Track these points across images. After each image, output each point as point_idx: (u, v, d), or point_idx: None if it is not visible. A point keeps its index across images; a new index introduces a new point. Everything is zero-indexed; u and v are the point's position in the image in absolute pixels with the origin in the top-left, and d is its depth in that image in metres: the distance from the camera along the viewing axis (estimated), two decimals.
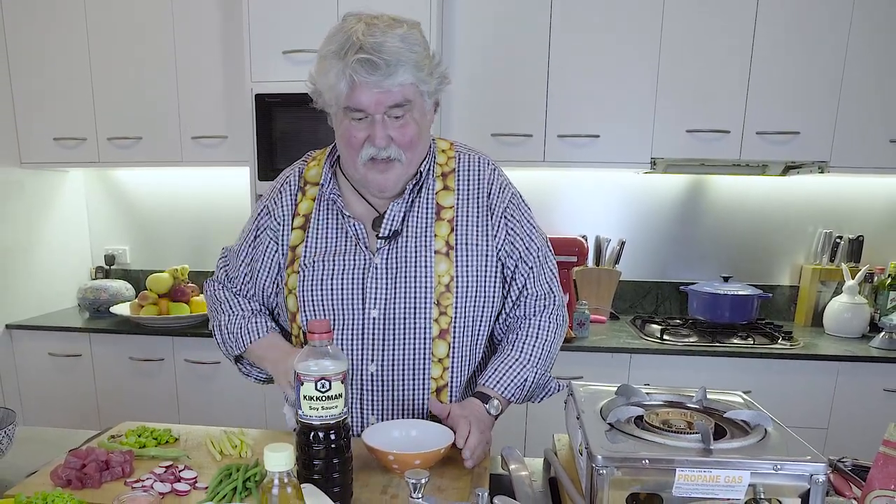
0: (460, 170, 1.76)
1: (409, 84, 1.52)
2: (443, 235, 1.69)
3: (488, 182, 1.76)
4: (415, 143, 1.61)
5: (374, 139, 1.56)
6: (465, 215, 1.72)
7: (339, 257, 1.69)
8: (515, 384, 1.70)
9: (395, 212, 1.69)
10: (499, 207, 1.75)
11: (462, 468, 1.46)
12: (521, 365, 1.71)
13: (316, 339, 1.25)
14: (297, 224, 1.76)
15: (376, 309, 1.67)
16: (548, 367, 1.80)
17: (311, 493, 1.15)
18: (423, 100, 1.60)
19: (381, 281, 1.67)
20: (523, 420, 3.34)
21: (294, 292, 1.72)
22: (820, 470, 1.12)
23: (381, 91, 1.50)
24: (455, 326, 1.69)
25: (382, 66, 1.46)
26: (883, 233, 3.83)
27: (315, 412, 1.25)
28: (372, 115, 1.54)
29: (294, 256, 1.74)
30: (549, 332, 1.78)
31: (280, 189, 1.82)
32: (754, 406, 1.40)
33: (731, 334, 3.45)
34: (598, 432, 1.25)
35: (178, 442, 1.63)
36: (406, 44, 1.50)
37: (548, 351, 1.77)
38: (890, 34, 3.24)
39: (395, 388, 1.70)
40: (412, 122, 1.57)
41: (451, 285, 1.66)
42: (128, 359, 3.64)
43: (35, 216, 3.94)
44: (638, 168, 3.54)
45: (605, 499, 1.15)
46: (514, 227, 1.76)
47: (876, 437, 1.18)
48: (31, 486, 1.35)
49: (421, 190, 1.73)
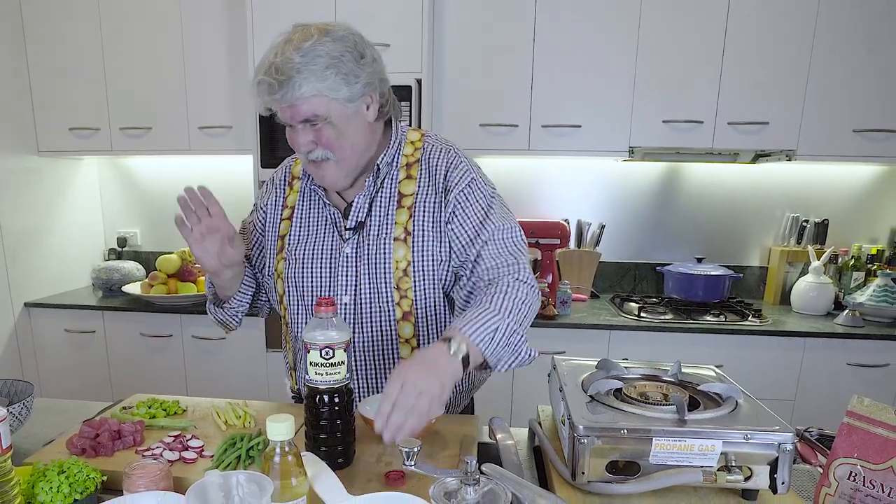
0: (423, 159, 1.72)
1: (311, 97, 1.49)
2: (402, 222, 1.66)
3: (446, 166, 1.70)
4: (334, 144, 1.56)
5: (298, 146, 1.57)
6: (422, 201, 1.68)
7: (318, 246, 1.70)
8: (485, 330, 1.46)
9: (359, 204, 1.68)
10: (454, 191, 1.67)
11: (452, 437, 1.46)
12: (491, 313, 1.49)
13: (322, 311, 1.27)
14: (285, 215, 1.79)
15: (347, 295, 1.67)
16: (518, 324, 1.54)
17: (311, 462, 1.15)
18: (341, 107, 1.53)
19: (350, 269, 1.67)
20: (509, 392, 3.35)
21: (282, 277, 1.74)
22: (787, 439, 1.12)
23: (287, 106, 1.51)
24: (417, 308, 1.68)
25: (276, 86, 1.46)
26: (847, 217, 3.85)
27: (320, 377, 1.27)
28: (293, 125, 1.55)
29: (282, 245, 1.76)
30: (518, 291, 1.56)
31: (268, 183, 1.88)
32: (726, 379, 1.40)
33: (705, 312, 3.46)
34: (579, 404, 1.25)
35: (186, 413, 1.62)
36: (306, 57, 1.46)
37: (517, 307, 1.54)
38: (853, 32, 3.24)
39: (370, 369, 1.71)
40: (328, 126, 1.53)
41: (408, 269, 1.65)
42: (138, 335, 3.65)
43: (51, 201, 3.93)
44: (617, 156, 3.54)
45: (586, 466, 1.15)
46: (464, 208, 1.66)
47: (840, 408, 1.19)
48: (48, 455, 1.35)
49: (384, 181, 1.71)
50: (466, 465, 0.97)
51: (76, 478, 1.13)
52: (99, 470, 1.19)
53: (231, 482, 0.94)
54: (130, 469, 1.10)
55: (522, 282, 1.59)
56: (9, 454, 0.98)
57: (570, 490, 1.20)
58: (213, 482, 0.93)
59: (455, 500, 0.96)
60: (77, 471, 1.14)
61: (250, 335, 3.52)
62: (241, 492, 0.94)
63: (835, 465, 1.17)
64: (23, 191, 3.72)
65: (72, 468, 1.14)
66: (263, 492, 0.92)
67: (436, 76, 3.50)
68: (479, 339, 1.44)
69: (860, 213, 3.85)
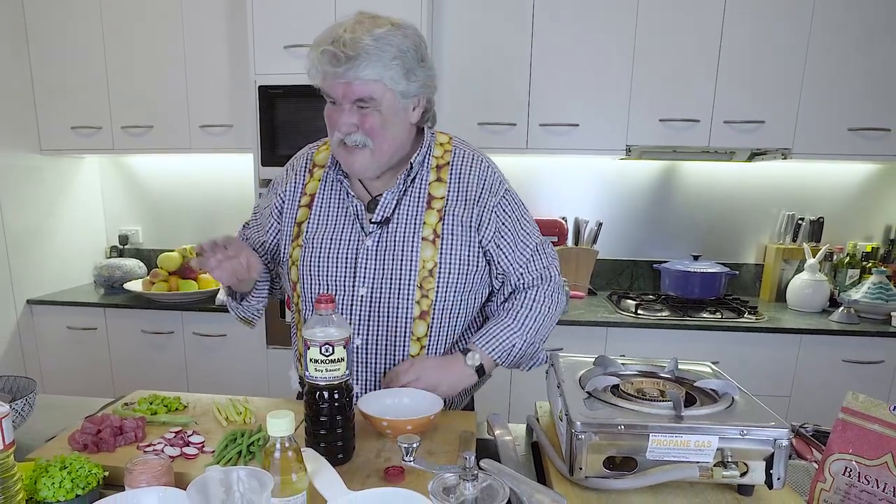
0: (455, 164, 1.73)
1: (372, 81, 1.50)
2: (431, 223, 1.67)
3: (481, 177, 1.72)
4: (377, 132, 1.57)
5: (339, 125, 1.56)
6: (454, 206, 1.68)
7: (338, 236, 1.69)
8: (503, 347, 1.68)
9: (388, 200, 1.68)
10: (490, 202, 1.70)
11: (450, 433, 1.46)
12: (512, 330, 1.69)
13: (322, 308, 1.27)
14: (303, 203, 1.77)
15: (365, 287, 1.67)
16: (538, 339, 1.76)
17: (311, 457, 1.15)
18: (394, 99, 1.56)
19: (370, 262, 1.66)
20: (507, 389, 3.35)
21: (297, 264, 1.73)
22: (783, 435, 1.12)
23: (344, 82, 1.50)
24: (435, 309, 1.68)
25: (343, 60, 1.46)
26: (842, 214, 3.85)
27: (320, 374, 1.27)
28: (340, 103, 1.55)
29: (299, 231, 1.74)
30: (543, 306, 1.74)
31: (288, 169, 1.86)
32: (722, 376, 1.40)
33: (701, 309, 3.46)
34: (577, 400, 1.25)
35: (187, 409, 1.62)
36: (378, 42, 1.47)
37: (539, 323, 1.74)
38: (847, 32, 3.24)
39: (378, 362, 1.71)
40: (375, 113, 1.55)
41: (434, 271, 1.65)
42: (140, 332, 3.65)
43: (54, 199, 3.93)
44: (614, 154, 3.55)
45: (583, 462, 1.15)
46: (504, 221, 1.72)
47: (835, 404, 1.18)
48: (51, 450, 1.35)
49: (414, 180, 1.70)
50: (465, 461, 0.97)
51: (78, 473, 1.13)
52: (101, 465, 1.19)
53: (232, 478, 0.94)
54: (132, 465, 1.10)
55: (550, 291, 1.78)
56: (11, 450, 0.98)
57: (567, 486, 1.20)
58: (213, 478, 0.93)
59: (454, 495, 0.96)
60: (79, 466, 1.14)
61: (251, 332, 3.50)
62: (241, 487, 0.94)
63: (830, 461, 1.17)
64: (25, 189, 3.72)
65: (74, 464, 1.14)
66: (264, 487, 0.92)
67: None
68: (496, 355, 1.69)
69: (855, 211, 3.85)
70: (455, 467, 1.02)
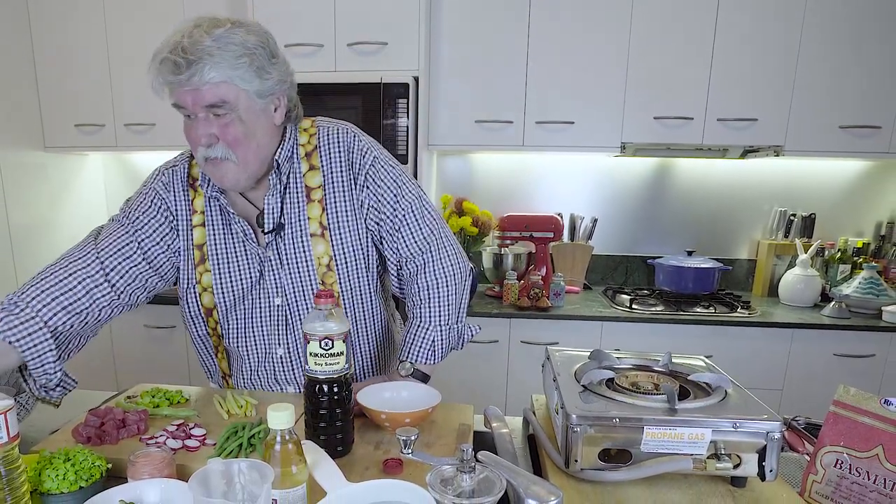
0: (321, 145, 1.64)
1: (220, 83, 1.39)
2: (315, 217, 1.61)
3: (348, 150, 1.63)
4: (240, 142, 1.46)
5: (199, 138, 1.45)
6: (332, 192, 1.62)
7: (241, 250, 1.65)
8: (425, 348, 1.67)
9: (271, 205, 1.60)
10: (361, 175, 1.62)
11: (448, 426, 1.46)
12: (424, 329, 1.67)
13: (322, 303, 1.26)
14: (196, 222, 1.67)
15: (279, 297, 1.65)
16: (454, 321, 1.71)
17: (311, 449, 1.14)
18: (250, 99, 1.45)
19: (276, 271, 1.64)
20: (504, 382, 3.35)
21: (209, 290, 1.66)
22: (775, 428, 1.12)
23: (191, 89, 1.40)
24: (345, 300, 1.67)
25: (185, 66, 1.36)
26: (833, 211, 3.85)
27: (319, 367, 1.27)
28: (195, 114, 1.45)
29: (202, 255, 1.66)
30: (436, 289, 1.68)
31: (158, 189, 1.72)
32: (715, 369, 1.40)
33: (695, 304, 3.46)
34: (572, 393, 1.25)
35: (189, 402, 1.62)
36: (219, 42, 1.37)
37: (445, 307, 1.69)
38: (839, 31, 3.24)
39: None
40: (236, 121, 1.44)
41: (331, 264, 1.62)
42: (142, 326, 3.65)
43: (57, 196, 3.93)
44: (609, 152, 3.54)
45: (579, 454, 1.15)
46: (375, 191, 1.63)
47: (827, 397, 1.19)
48: (54, 443, 1.34)
49: (289, 177, 1.63)
50: (462, 453, 0.97)
51: (82, 465, 1.13)
52: (104, 458, 1.18)
53: (233, 469, 0.94)
54: (135, 457, 1.10)
55: (431, 269, 1.69)
56: (16, 442, 0.98)
57: (563, 477, 1.20)
58: (215, 470, 0.93)
59: (451, 487, 0.96)
60: (83, 458, 1.14)
61: None
62: (242, 479, 0.94)
63: (821, 453, 1.17)
64: (28, 186, 3.71)
65: (77, 456, 1.14)
66: (264, 479, 0.91)
67: (432, 74, 3.49)
68: (423, 358, 1.67)
69: (846, 208, 3.85)
70: (453, 459, 1.02)
